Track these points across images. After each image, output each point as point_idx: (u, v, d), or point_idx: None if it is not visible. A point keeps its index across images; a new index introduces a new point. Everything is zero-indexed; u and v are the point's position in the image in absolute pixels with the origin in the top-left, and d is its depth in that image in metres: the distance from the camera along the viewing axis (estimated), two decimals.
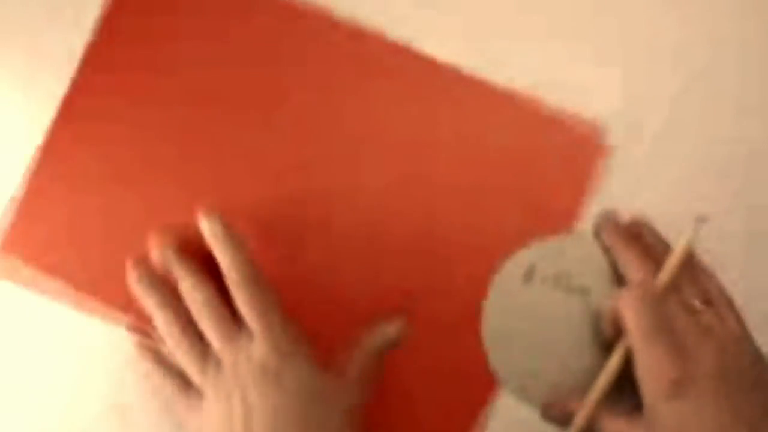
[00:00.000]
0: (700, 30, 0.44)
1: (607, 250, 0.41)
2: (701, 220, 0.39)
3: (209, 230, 0.40)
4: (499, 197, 0.44)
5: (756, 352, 0.38)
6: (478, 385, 0.43)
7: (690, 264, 0.39)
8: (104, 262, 0.44)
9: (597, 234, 0.42)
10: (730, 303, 0.39)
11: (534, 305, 0.42)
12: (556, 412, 0.40)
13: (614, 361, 0.39)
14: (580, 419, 0.38)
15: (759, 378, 0.37)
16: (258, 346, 0.38)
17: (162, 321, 0.39)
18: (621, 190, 0.43)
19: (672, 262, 0.39)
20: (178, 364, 0.40)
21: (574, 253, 0.42)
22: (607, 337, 0.40)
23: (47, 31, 0.45)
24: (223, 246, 0.39)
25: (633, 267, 0.39)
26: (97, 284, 0.44)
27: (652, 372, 0.36)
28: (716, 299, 0.39)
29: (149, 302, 0.40)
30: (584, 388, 0.39)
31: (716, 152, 0.43)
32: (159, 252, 0.41)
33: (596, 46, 0.44)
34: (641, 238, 0.41)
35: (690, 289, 0.39)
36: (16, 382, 0.43)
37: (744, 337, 0.38)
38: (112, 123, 0.45)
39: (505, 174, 0.44)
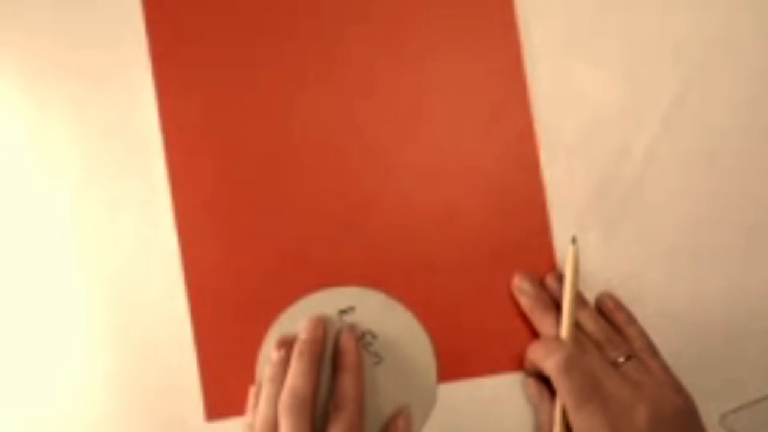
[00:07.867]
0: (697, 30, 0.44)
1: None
2: (574, 241, 0.42)
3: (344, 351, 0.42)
4: None
5: (681, 395, 0.39)
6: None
7: (610, 318, 0.42)
8: None
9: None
10: (651, 349, 0.41)
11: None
12: None
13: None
14: None
15: (684, 425, 0.39)
16: None
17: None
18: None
19: (567, 288, 0.41)
20: None
21: (389, 319, 0.43)
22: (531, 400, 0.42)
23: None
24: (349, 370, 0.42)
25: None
26: None
27: None
28: (638, 350, 0.41)
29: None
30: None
31: (714, 146, 0.44)
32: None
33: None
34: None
35: (610, 345, 0.41)
36: None
37: (668, 383, 0.39)
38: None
39: None
